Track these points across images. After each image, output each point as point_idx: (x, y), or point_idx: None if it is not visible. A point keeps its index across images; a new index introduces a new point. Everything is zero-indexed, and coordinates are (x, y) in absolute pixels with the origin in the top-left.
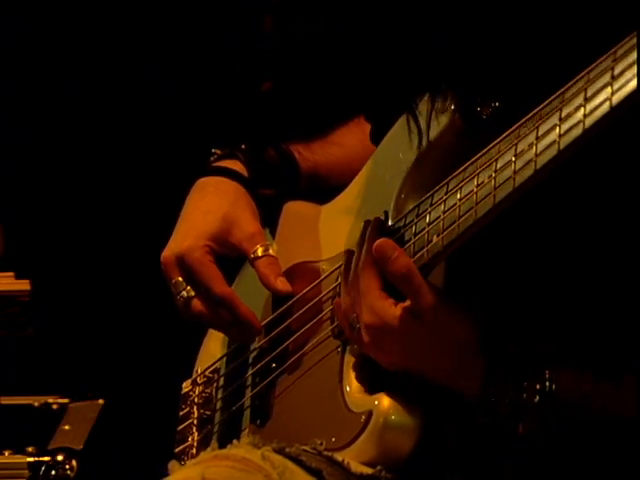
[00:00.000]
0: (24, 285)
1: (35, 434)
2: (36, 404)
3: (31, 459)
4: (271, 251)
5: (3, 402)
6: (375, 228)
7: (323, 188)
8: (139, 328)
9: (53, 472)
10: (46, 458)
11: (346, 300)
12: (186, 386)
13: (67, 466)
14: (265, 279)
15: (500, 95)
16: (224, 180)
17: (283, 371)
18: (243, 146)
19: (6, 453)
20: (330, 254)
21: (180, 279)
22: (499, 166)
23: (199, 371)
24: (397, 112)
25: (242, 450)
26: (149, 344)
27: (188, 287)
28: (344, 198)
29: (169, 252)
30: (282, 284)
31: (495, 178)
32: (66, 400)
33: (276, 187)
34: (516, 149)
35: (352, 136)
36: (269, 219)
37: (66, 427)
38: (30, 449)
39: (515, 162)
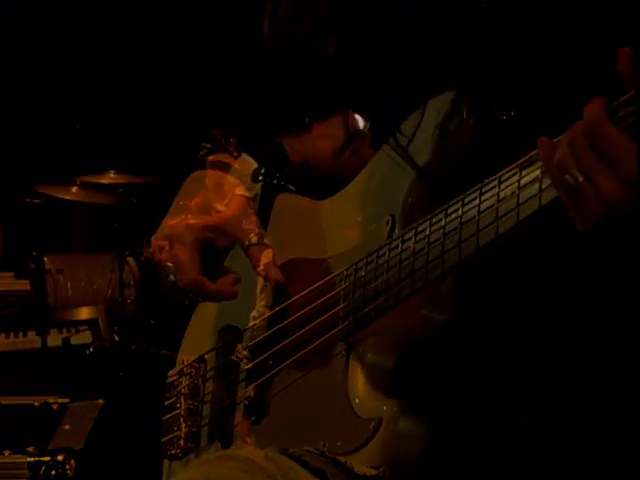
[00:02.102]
0: (24, 285)
1: (35, 434)
2: (36, 404)
3: (31, 459)
4: (266, 240)
5: (3, 402)
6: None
7: (313, 179)
8: (139, 327)
9: (53, 472)
10: (46, 458)
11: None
12: (172, 375)
13: (67, 466)
14: (259, 267)
15: (516, 104)
16: (218, 173)
17: (282, 369)
18: (232, 139)
19: (6, 453)
20: (333, 252)
21: (168, 263)
22: (523, 183)
23: (184, 361)
24: (406, 116)
25: (246, 451)
26: (149, 344)
27: None
28: (346, 196)
29: (159, 234)
30: (275, 273)
31: (519, 195)
32: (66, 400)
33: (267, 179)
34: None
35: (340, 128)
36: (261, 210)
37: (66, 427)
38: (30, 449)
39: (542, 180)
